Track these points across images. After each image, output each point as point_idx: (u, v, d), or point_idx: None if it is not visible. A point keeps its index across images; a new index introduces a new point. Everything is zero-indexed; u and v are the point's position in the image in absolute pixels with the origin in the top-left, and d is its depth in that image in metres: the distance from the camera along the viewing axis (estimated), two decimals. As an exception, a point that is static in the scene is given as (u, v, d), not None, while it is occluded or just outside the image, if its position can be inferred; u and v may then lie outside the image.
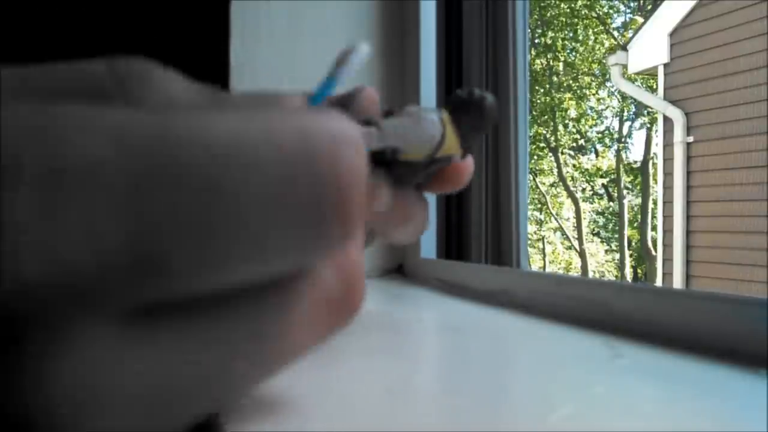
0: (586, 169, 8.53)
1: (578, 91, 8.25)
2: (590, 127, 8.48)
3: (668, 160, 3.93)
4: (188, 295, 0.12)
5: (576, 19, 8.15)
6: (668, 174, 3.93)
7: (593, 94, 8.38)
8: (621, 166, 8.20)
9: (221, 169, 0.12)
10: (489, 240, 0.57)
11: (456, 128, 0.24)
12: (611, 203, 8.58)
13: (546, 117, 8.20)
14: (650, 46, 4.05)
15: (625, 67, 4.34)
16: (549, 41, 8.17)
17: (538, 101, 8.11)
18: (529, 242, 1.77)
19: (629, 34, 6.64)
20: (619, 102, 8.37)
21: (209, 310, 0.13)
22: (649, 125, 7.89)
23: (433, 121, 0.23)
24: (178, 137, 0.11)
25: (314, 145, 0.13)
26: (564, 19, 8.16)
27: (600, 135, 8.56)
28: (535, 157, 8.35)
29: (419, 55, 0.57)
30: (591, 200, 8.73)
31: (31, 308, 0.10)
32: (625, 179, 8.17)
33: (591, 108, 8.43)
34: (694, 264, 3.74)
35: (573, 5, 8.15)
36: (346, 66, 0.22)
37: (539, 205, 8.49)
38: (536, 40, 8.14)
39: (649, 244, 7.17)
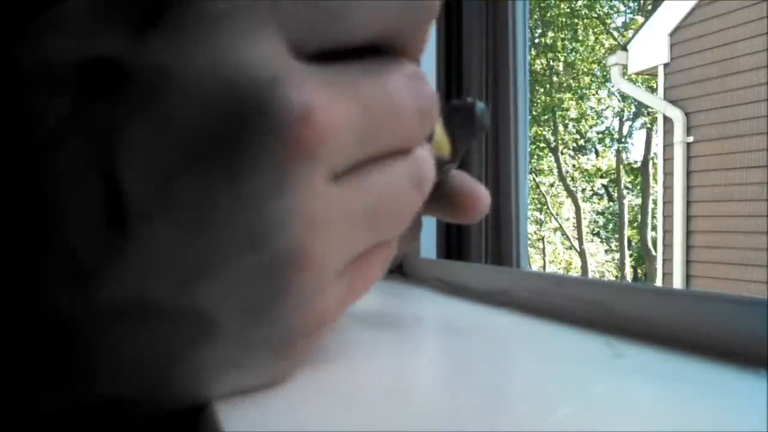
0: (586, 169, 8.53)
1: (578, 91, 8.25)
2: (590, 127, 8.48)
3: (668, 160, 3.93)
4: None
5: (576, 19, 8.15)
6: (668, 174, 3.93)
7: (593, 94, 8.38)
8: (621, 166, 8.20)
9: None
10: (489, 240, 0.57)
11: (447, 132, 0.24)
12: (611, 203, 8.58)
13: (546, 117, 8.20)
14: (650, 46, 4.05)
15: (625, 67, 4.34)
16: (549, 41, 8.17)
17: (538, 101, 8.11)
18: (529, 242, 1.77)
19: (629, 34, 6.63)
20: (619, 102, 8.37)
21: None
22: (649, 125, 7.89)
23: None
24: None
25: None
26: (564, 19, 8.16)
27: (600, 135, 8.56)
28: (535, 157, 8.35)
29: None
30: (591, 200, 8.73)
31: None
32: (625, 179, 8.17)
33: (591, 108, 8.43)
34: (694, 264, 3.74)
35: (573, 5, 8.15)
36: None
37: (539, 205, 8.49)
38: (536, 40, 8.14)
39: (649, 244, 7.17)
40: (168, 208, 0.14)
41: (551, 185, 8.65)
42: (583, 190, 8.60)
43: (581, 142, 8.50)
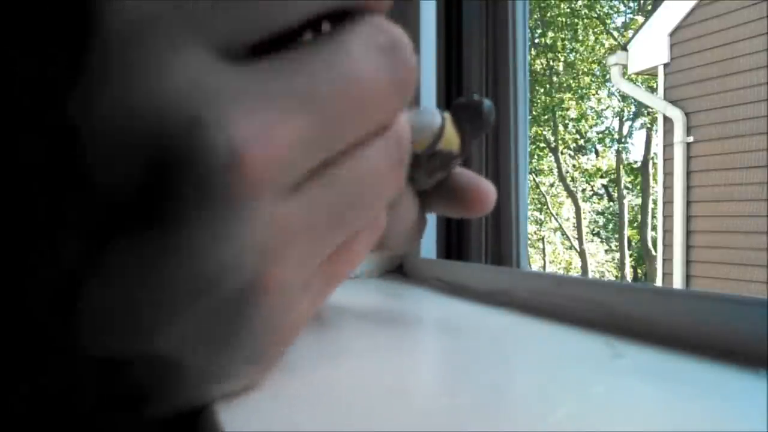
0: (586, 169, 8.53)
1: (578, 91, 8.25)
2: (590, 127, 8.47)
3: (668, 160, 3.93)
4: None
5: (576, 19, 8.15)
6: (668, 174, 3.93)
7: (593, 94, 8.38)
8: (621, 166, 8.20)
9: None
10: (489, 240, 0.57)
11: (456, 127, 0.24)
12: (611, 203, 8.58)
13: (546, 117, 8.20)
14: (650, 46, 4.05)
15: (625, 67, 4.34)
16: (549, 41, 8.16)
17: (538, 101, 8.10)
18: (529, 242, 1.77)
19: (629, 34, 6.64)
20: (619, 102, 8.37)
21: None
22: (649, 125, 7.89)
23: (433, 112, 0.24)
24: None
25: None
26: (564, 19, 8.16)
27: (600, 135, 8.56)
28: (535, 157, 8.34)
29: (419, 55, 0.56)
30: (591, 200, 8.73)
31: None
32: (625, 179, 8.17)
33: (591, 108, 8.43)
34: (694, 264, 3.74)
35: (573, 5, 8.14)
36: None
37: (539, 205, 8.49)
38: (536, 40, 8.14)
39: (649, 244, 7.16)
40: (106, 271, 0.13)
41: (551, 185, 8.65)
42: (583, 190, 8.60)
43: (581, 142, 8.50)
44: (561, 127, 8.32)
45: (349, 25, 0.15)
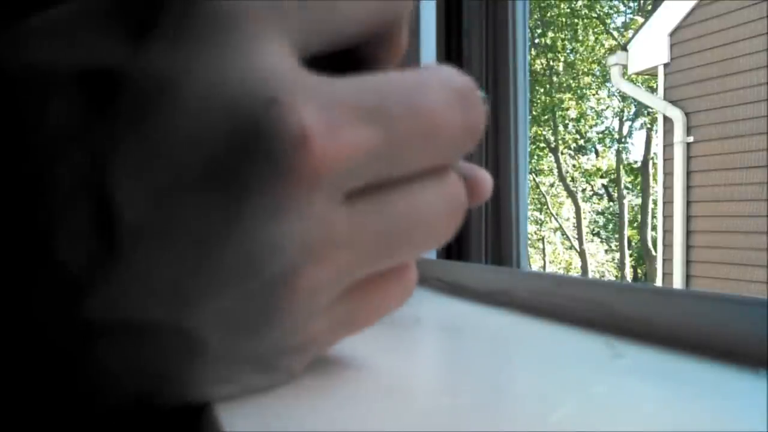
0: (586, 169, 8.53)
1: (578, 91, 8.25)
2: (590, 127, 8.48)
3: (668, 160, 3.93)
4: None
5: (576, 19, 8.15)
6: (668, 174, 3.93)
7: (593, 94, 8.38)
8: (621, 166, 8.20)
9: None
10: (489, 240, 0.57)
11: None
12: (611, 203, 8.59)
13: (546, 117, 8.20)
14: (650, 46, 4.05)
15: (625, 67, 4.34)
16: (549, 41, 8.17)
17: (538, 101, 8.11)
18: (529, 242, 1.77)
19: (629, 34, 6.64)
20: (619, 102, 8.37)
21: None
22: (649, 125, 7.89)
23: None
24: None
25: None
26: (564, 19, 8.16)
27: (600, 135, 8.56)
28: (535, 157, 8.35)
29: (419, 55, 0.56)
30: (591, 200, 8.73)
31: None
32: (625, 179, 8.17)
33: (591, 108, 8.43)
34: (694, 264, 3.74)
35: (573, 5, 8.15)
36: None
37: (539, 205, 8.49)
38: (536, 40, 8.14)
39: (649, 244, 7.17)
40: (161, 226, 0.13)
41: (551, 185, 8.65)
42: (583, 190, 8.61)
43: (581, 142, 8.50)
44: (561, 127, 8.32)
45: (427, 67, 0.16)
